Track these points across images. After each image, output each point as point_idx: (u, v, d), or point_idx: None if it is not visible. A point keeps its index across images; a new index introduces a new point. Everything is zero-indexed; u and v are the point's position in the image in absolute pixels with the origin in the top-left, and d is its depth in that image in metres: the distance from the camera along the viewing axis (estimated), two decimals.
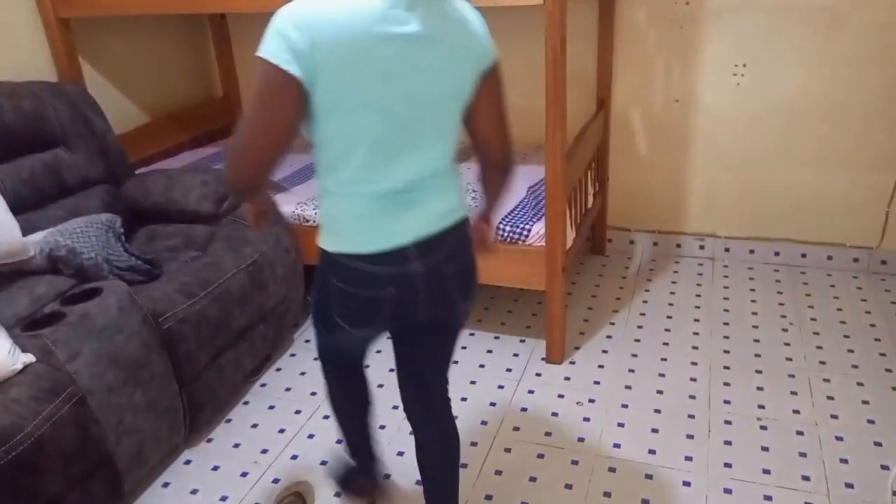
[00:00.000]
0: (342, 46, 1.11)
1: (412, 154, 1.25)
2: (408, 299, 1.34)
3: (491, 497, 1.90)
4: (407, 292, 1.33)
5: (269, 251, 2.41)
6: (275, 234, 2.47)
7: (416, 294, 1.34)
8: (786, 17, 2.67)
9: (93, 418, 1.71)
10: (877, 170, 2.79)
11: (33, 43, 2.60)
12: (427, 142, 1.26)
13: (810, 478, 1.89)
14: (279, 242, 2.48)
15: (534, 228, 2.32)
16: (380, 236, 1.28)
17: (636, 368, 2.40)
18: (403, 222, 1.29)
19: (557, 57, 2.01)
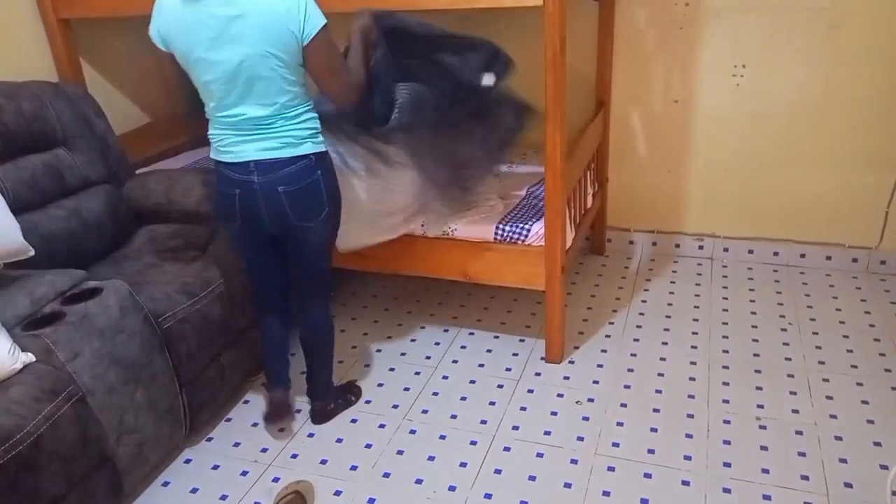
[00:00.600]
0: (180, 23, 1.77)
1: (245, 99, 1.78)
2: (249, 200, 1.86)
3: (491, 496, 1.90)
4: (248, 194, 1.85)
5: None
6: None
7: (256, 198, 1.85)
8: (785, 18, 2.67)
9: (93, 418, 1.71)
10: (876, 170, 2.79)
11: (34, 43, 2.60)
12: (255, 91, 1.76)
13: (809, 477, 1.89)
14: None
15: (533, 228, 2.33)
16: (232, 153, 1.84)
17: (635, 368, 2.40)
18: (245, 147, 1.83)
19: (557, 57, 2.02)
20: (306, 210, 1.90)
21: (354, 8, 2.20)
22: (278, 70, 1.74)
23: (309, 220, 1.91)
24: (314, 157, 1.87)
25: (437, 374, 2.44)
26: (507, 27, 3.01)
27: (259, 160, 1.82)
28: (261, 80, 1.74)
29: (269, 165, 1.83)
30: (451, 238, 2.41)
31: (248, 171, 1.83)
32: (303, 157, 1.85)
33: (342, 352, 2.59)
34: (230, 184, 1.87)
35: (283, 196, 1.85)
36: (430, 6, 2.15)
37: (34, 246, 1.95)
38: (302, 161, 1.85)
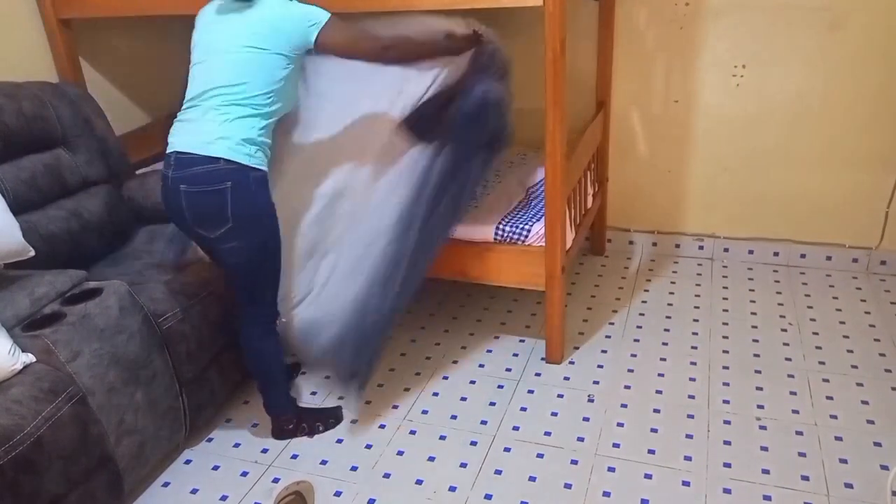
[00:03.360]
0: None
1: (203, 76, 1.82)
2: (164, 197, 1.85)
3: (491, 497, 1.90)
4: (163, 190, 1.85)
5: None
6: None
7: (168, 196, 1.83)
8: (785, 18, 2.67)
9: (93, 418, 1.71)
10: (876, 170, 2.79)
11: (34, 43, 2.60)
12: (215, 71, 1.80)
13: (810, 478, 1.89)
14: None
15: (533, 228, 2.33)
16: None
17: (635, 368, 2.40)
18: (174, 135, 1.85)
19: (557, 57, 2.02)
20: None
21: (354, 8, 2.20)
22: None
23: (206, 228, 1.83)
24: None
25: (437, 374, 2.44)
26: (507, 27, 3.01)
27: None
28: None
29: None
30: (451, 238, 2.41)
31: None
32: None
33: None
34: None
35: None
36: (431, 6, 2.15)
37: (34, 246, 1.95)
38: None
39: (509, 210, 2.46)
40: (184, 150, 1.79)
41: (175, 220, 1.90)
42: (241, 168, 1.78)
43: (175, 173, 1.80)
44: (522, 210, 2.46)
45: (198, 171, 1.77)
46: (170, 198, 1.83)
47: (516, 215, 2.41)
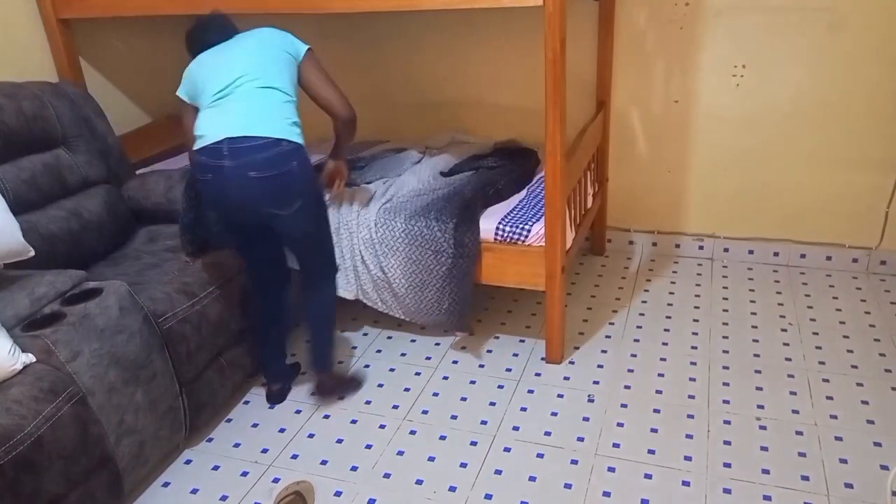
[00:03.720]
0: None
1: (223, 71, 1.95)
2: (219, 186, 1.89)
3: (491, 497, 1.90)
4: (214, 180, 1.88)
5: None
6: None
7: (225, 184, 1.87)
8: (785, 18, 2.67)
9: (93, 418, 1.71)
10: (876, 170, 2.79)
11: (34, 43, 2.60)
12: (236, 64, 1.95)
13: (810, 478, 1.89)
14: None
15: (533, 228, 2.33)
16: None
17: (635, 368, 2.40)
18: (212, 124, 1.90)
19: (557, 58, 2.02)
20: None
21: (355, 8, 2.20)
22: None
23: (282, 208, 1.94)
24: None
25: (437, 374, 2.44)
26: (507, 27, 3.01)
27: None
28: None
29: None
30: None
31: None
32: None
33: (343, 352, 2.59)
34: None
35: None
36: (431, 6, 2.15)
37: (34, 246, 1.95)
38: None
39: (509, 210, 2.46)
40: (239, 135, 1.84)
41: (228, 209, 1.96)
42: (299, 147, 1.92)
43: (235, 161, 1.84)
44: (522, 210, 2.46)
45: (265, 157, 1.85)
46: (229, 185, 1.87)
47: (516, 215, 2.41)
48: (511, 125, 3.12)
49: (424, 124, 3.31)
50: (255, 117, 1.88)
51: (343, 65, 3.31)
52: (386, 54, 3.24)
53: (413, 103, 3.30)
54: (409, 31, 3.16)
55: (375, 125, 3.31)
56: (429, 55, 3.17)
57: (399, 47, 3.21)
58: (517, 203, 2.51)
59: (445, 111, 3.26)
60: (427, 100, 3.26)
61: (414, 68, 3.22)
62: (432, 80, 3.22)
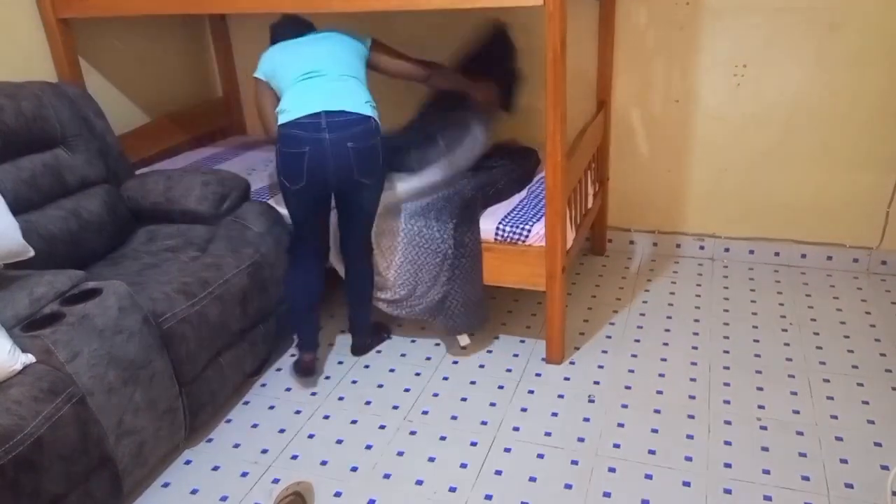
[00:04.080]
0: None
1: (305, 60, 2.20)
2: (317, 156, 2.09)
3: (491, 497, 1.90)
4: (312, 151, 2.09)
5: (270, 252, 2.41)
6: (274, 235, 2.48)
7: (323, 153, 2.08)
8: (786, 18, 2.67)
9: (93, 418, 1.71)
10: (877, 170, 2.79)
11: (33, 43, 2.60)
12: (319, 55, 2.21)
13: (810, 478, 1.89)
14: (279, 243, 2.48)
15: (534, 229, 2.32)
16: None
17: (636, 368, 2.40)
18: (306, 99, 2.13)
19: (557, 57, 2.01)
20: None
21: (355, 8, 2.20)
22: None
23: (367, 176, 2.17)
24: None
25: (437, 374, 2.44)
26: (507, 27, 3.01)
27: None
28: None
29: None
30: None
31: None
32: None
33: (342, 352, 2.59)
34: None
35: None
36: (431, 6, 2.15)
37: (34, 246, 1.95)
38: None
39: (509, 210, 2.45)
40: (336, 110, 2.09)
41: (320, 178, 2.13)
42: (378, 126, 2.17)
43: (334, 134, 2.08)
44: (522, 210, 2.45)
45: (360, 130, 2.10)
46: (326, 155, 2.08)
47: (516, 215, 2.41)
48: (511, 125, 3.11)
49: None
50: (345, 96, 2.13)
51: None
52: None
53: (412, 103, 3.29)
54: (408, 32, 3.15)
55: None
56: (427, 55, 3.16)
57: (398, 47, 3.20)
58: (517, 203, 2.51)
59: None
60: (425, 100, 3.26)
61: None
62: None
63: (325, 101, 2.10)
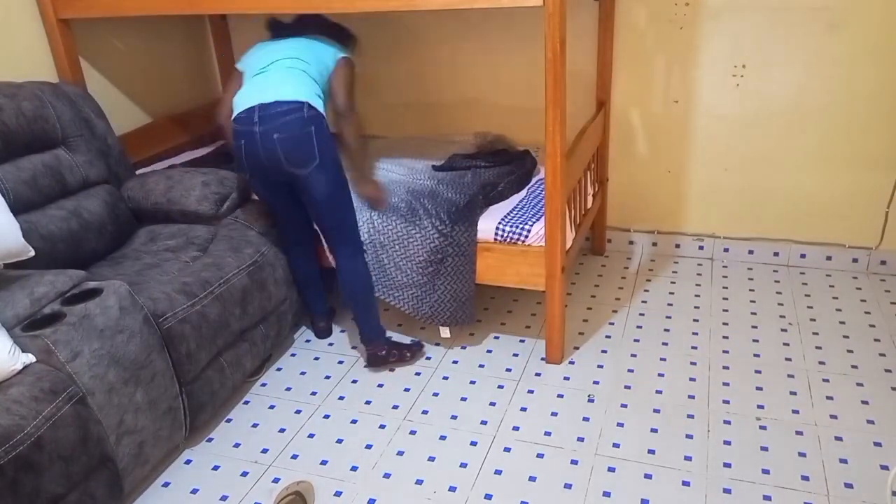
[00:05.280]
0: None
1: (266, 55, 2.27)
2: (250, 150, 2.15)
3: (491, 497, 1.90)
4: (248, 145, 2.15)
5: (270, 252, 2.41)
6: (275, 235, 2.48)
7: (255, 147, 2.14)
8: (785, 18, 2.67)
9: (93, 418, 1.71)
10: (876, 170, 2.79)
11: (34, 43, 2.60)
12: (280, 49, 2.27)
13: (810, 478, 1.89)
14: (279, 243, 2.48)
15: (533, 228, 2.33)
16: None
17: (635, 368, 2.40)
18: (247, 95, 2.19)
19: (557, 57, 2.02)
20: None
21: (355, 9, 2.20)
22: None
23: (301, 166, 2.15)
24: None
25: (437, 374, 2.44)
26: (507, 28, 3.01)
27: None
28: None
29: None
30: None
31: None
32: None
33: (342, 352, 2.60)
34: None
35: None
36: (431, 6, 2.15)
37: (34, 246, 1.95)
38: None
39: (509, 210, 2.45)
40: (268, 101, 2.10)
41: (261, 170, 2.19)
42: (319, 115, 2.14)
43: (263, 126, 2.10)
44: (522, 210, 2.46)
45: (289, 119, 2.09)
46: (258, 148, 2.12)
47: (516, 215, 2.41)
48: (510, 125, 3.12)
49: (422, 123, 3.31)
50: (285, 85, 2.13)
51: None
52: (384, 54, 3.24)
53: (411, 102, 3.30)
54: (408, 31, 3.16)
55: (371, 123, 3.31)
56: (427, 55, 3.17)
57: (398, 47, 3.21)
58: (517, 203, 2.51)
59: (443, 111, 3.26)
60: (425, 99, 3.26)
61: (412, 67, 3.22)
62: (430, 80, 3.22)
63: (261, 94, 2.14)
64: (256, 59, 2.27)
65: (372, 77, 3.29)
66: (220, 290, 2.17)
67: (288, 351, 2.62)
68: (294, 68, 2.19)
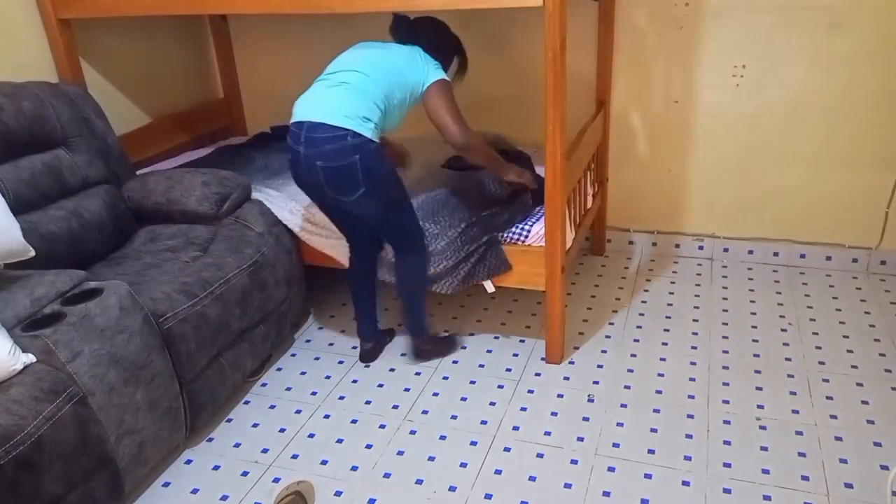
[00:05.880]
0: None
1: (341, 62, 2.17)
2: (297, 169, 2.13)
3: (490, 496, 1.90)
4: (294, 164, 2.13)
5: (270, 252, 2.41)
6: (275, 235, 2.48)
7: (300, 169, 2.11)
8: (785, 18, 2.67)
9: (93, 418, 1.71)
10: (876, 170, 2.79)
11: (34, 43, 2.60)
12: (353, 59, 2.15)
13: (809, 478, 1.89)
14: (280, 243, 2.48)
15: (533, 229, 2.33)
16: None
17: (635, 368, 2.40)
18: (301, 104, 2.15)
19: (557, 57, 2.02)
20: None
21: (355, 9, 2.20)
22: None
23: (345, 194, 2.10)
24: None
25: (437, 374, 2.44)
26: (507, 27, 3.01)
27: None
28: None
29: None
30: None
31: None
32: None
33: (343, 351, 2.60)
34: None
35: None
36: (431, 6, 2.15)
37: (34, 246, 1.95)
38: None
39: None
40: (315, 121, 2.04)
41: (306, 188, 2.18)
42: (365, 141, 2.04)
43: (308, 150, 2.05)
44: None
45: (331, 149, 2.02)
46: (302, 170, 2.10)
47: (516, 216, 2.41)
48: (510, 125, 3.12)
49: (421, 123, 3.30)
50: (329, 106, 2.04)
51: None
52: None
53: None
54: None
55: None
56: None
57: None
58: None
59: None
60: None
61: None
62: None
63: (309, 111, 2.07)
64: (335, 60, 2.18)
65: None
66: (220, 290, 2.17)
67: (288, 351, 2.62)
68: (349, 84, 2.06)
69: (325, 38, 3.25)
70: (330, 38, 3.26)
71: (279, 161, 3.02)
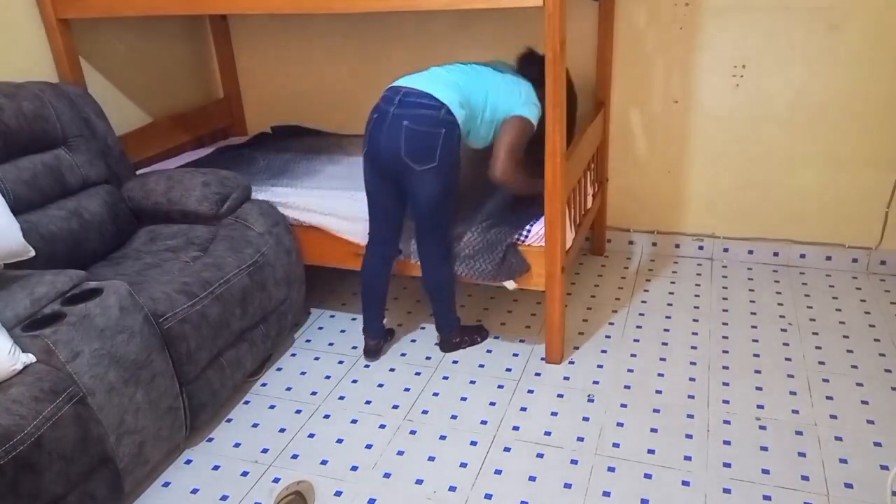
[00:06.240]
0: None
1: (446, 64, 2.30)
2: (377, 129, 2.15)
3: (491, 496, 1.90)
4: (377, 122, 2.15)
5: (270, 252, 2.41)
6: (275, 235, 2.48)
7: (381, 128, 2.13)
8: (785, 18, 2.67)
9: (93, 418, 1.71)
10: (876, 170, 2.79)
11: (34, 43, 2.60)
12: (455, 69, 2.27)
13: (809, 478, 1.89)
14: (280, 243, 2.48)
15: (533, 229, 2.33)
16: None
17: (635, 368, 2.40)
18: (402, 80, 2.21)
19: (557, 57, 2.02)
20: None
21: (355, 9, 2.20)
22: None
23: (416, 161, 2.12)
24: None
25: (437, 374, 2.44)
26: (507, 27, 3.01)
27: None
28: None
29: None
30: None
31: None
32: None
33: (343, 351, 2.60)
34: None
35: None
36: (431, 6, 2.15)
37: (34, 246, 1.95)
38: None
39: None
40: (417, 89, 2.11)
41: (376, 152, 2.17)
42: (455, 122, 2.12)
43: (399, 110, 2.10)
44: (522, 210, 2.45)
45: (424, 113, 2.09)
46: (383, 128, 2.12)
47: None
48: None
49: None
50: (439, 84, 2.14)
51: (342, 63, 3.32)
52: (385, 54, 3.24)
53: None
54: (408, 31, 3.16)
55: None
56: (427, 54, 3.17)
57: (398, 47, 3.21)
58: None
59: None
60: None
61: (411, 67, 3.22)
62: None
63: (411, 81, 2.16)
64: (452, 63, 2.30)
65: (370, 73, 3.29)
66: (220, 290, 2.17)
67: (288, 351, 2.63)
68: (454, 78, 2.19)
69: (324, 38, 3.26)
70: (330, 38, 3.26)
71: (280, 161, 3.03)
